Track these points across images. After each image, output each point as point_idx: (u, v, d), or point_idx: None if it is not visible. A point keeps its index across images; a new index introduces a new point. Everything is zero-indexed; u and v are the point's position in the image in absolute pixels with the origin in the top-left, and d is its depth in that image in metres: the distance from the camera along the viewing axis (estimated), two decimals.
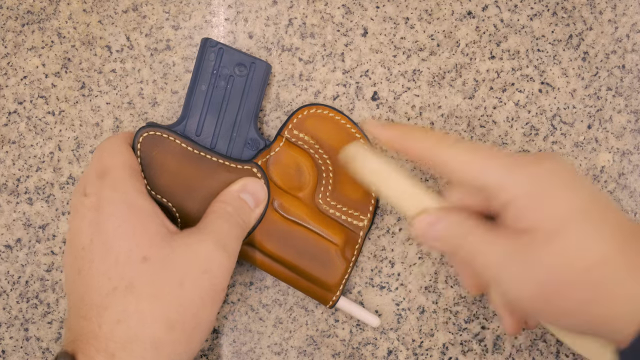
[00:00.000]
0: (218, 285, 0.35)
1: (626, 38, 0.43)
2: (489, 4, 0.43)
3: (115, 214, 0.34)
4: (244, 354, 0.43)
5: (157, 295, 0.33)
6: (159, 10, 0.43)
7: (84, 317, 0.33)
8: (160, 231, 0.35)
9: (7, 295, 0.43)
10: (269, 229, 0.40)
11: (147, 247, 0.34)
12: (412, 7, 0.43)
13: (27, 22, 0.43)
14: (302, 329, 0.43)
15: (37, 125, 0.43)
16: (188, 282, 0.34)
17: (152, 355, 0.32)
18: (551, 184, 0.31)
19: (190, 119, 0.40)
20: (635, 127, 0.43)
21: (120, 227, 0.34)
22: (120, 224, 0.34)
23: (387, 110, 0.43)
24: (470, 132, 0.43)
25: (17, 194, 0.43)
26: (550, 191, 0.31)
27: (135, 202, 0.35)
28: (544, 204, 0.31)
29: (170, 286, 0.33)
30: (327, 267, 0.40)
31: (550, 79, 0.43)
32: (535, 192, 0.31)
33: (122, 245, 0.34)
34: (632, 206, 0.43)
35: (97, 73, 0.43)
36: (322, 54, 0.43)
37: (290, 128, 0.41)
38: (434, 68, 0.43)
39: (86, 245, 0.34)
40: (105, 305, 0.33)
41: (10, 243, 0.43)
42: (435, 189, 0.43)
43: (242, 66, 0.40)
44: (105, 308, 0.33)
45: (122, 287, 0.33)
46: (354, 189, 0.42)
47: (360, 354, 0.43)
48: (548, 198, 0.31)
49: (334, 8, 0.43)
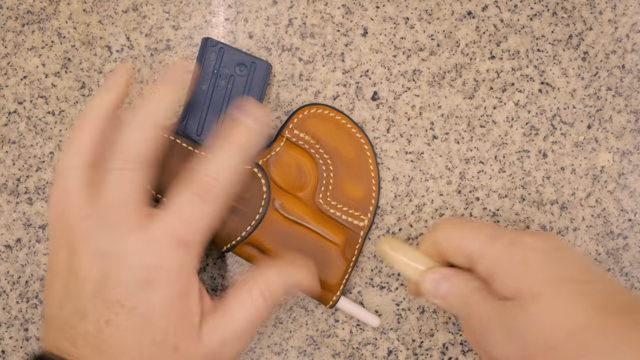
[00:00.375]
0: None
1: (626, 38, 0.43)
2: (489, 4, 0.43)
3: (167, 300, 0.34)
4: (244, 354, 0.43)
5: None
6: (159, 10, 0.43)
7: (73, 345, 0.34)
8: (194, 321, 0.35)
9: (7, 295, 0.43)
10: (269, 229, 0.40)
11: (181, 336, 0.34)
12: (412, 7, 0.43)
13: (27, 22, 0.43)
14: (302, 329, 0.43)
15: (37, 125, 0.43)
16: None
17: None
18: (530, 254, 0.33)
19: (190, 118, 0.40)
20: (635, 127, 0.43)
21: (169, 308, 0.34)
22: (170, 304, 0.34)
23: (387, 110, 0.43)
24: (470, 132, 0.43)
25: (17, 194, 0.43)
26: (530, 260, 0.33)
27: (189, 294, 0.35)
28: (523, 272, 0.32)
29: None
30: (327, 267, 0.40)
31: (550, 79, 0.43)
32: (514, 261, 0.33)
33: (160, 326, 0.34)
34: (632, 206, 0.43)
35: (97, 73, 0.43)
36: (322, 54, 0.43)
37: (290, 128, 0.41)
38: (434, 68, 0.43)
39: (127, 303, 0.34)
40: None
41: (10, 243, 0.43)
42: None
43: (243, 66, 0.40)
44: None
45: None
46: (354, 189, 0.42)
47: (360, 354, 0.43)
48: (527, 266, 0.32)
49: (334, 8, 0.43)
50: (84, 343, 0.34)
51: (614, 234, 0.43)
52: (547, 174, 0.43)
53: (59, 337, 0.34)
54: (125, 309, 0.33)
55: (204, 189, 0.35)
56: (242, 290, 0.38)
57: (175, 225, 0.34)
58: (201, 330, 0.35)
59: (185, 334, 0.35)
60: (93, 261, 0.34)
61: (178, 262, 0.34)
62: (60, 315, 0.35)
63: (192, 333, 0.35)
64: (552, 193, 0.43)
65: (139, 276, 0.34)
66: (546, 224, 0.43)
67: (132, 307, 0.33)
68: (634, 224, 0.43)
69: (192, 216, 0.35)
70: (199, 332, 0.35)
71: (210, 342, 0.35)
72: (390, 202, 0.43)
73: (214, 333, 0.36)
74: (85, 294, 0.34)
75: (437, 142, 0.43)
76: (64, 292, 0.35)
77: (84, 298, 0.34)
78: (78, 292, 0.34)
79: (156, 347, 0.34)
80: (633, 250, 0.43)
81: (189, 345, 0.35)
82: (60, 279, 0.35)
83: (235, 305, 0.37)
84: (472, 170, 0.43)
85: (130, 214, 0.34)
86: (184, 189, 0.35)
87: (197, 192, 0.35)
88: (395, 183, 0.43)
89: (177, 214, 0.35)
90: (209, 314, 0.36)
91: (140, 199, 0.35)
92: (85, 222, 0.35)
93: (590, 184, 0.43)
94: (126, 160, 0.35)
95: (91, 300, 0.34)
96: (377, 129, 0.43)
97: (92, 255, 0.34)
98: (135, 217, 0.35)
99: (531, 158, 0.43)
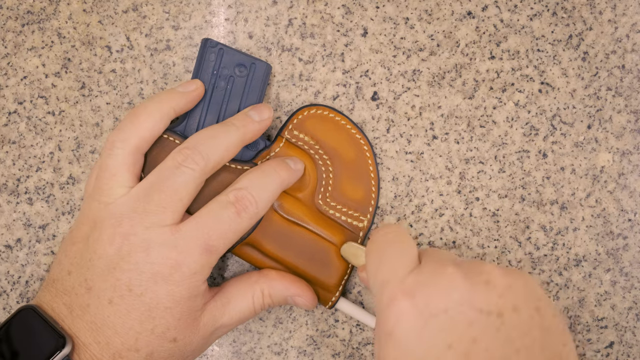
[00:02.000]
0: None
1: (626, 38, 0.43)
2: (489, 4, 0.43)
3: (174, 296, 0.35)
4: (244, 354, 0.43)
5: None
6: (159, 10, 0.43)
7: (79, 317, 0.34)
8: (196, 315, 0.36)
9: (7, 295, 0.43)
10: (268, 230, 0.40)
11: (182, 329, 0.35)
12: (412, 7, 0.43)
13: (27, 22, 0.43)
14: (302, 329, 0.43)
15: (37, 125, 0.43)
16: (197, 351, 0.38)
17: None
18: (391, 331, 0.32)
19: (190, 119, 0.40)
20: (635, 127, 0.43)
21: (176, 304, 0.35)
22: (177, 302, 0.35)
23: (387, 110, 0.43)
24: (470, 132, 0.43)
25: (17, 194, 0.43)
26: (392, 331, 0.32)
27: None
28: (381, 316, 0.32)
29: (182, 358, 0.36)
30: (326, 268, 0.40)
31: (550, 79, 0.43)
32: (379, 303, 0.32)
33: (163, 320, 0.35)
34: (632, 206, 0.43)
35: (97, 73, 0.43)
36: (322, 54, 0.43)
37: (290, 129, 0.41)
38: (433, 68, 0.43)
39: (135, 289, 0.34)
40: (121, 354, 0.34)
41: (10, 243, 0.43)
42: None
43: (243, 67, 0.40)
44: (121, 357, 0.34)
45: (143, 352, 0.34)
46: (354, 189, 0.42)
47: (360, 354, 0.43)
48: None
49: (334, 8, 0.43)
50: (80, 313, 0.35)
51: (614, 234, 0.43)
52: (547, 174, 0.43)
53: (58, 299, 0.35)
54: (132, 294, 0.34)
55: (243, 206, 0.36)
56: (244, 284, 0.39)
57: (209, 232, 0.35)
58: (201, 320, 0.36)
59: (186, 328, 0.36)
60: (113, 239, 0.35)
61: (199, 266, 0.35)
62: (67, 280, 0.36)
63: (192, 326, 0.36)
64: (552, 193, 0.43)
65: (157, 268, 0.34)
66: (546, 224, 0.43)
67: (139, 294, 0.34)
68: (634, 224, 0.43)
69: (226, 228, 0.36)
70: (199, 324, 0.36)
71: (206, 331, 0.37)
72: (390, 202, 0.43)
73: (211, 323, 0.37)
74: (96, 269, 0.35)
75: (437, 142, 0.43)
76: (77, 261, 0.36)
77: (95, 272, 0.35)
78: (91, 264, 0.35)
79: (154, 337, 0.35)
80: (633, 250, 0.43)
81: (188, 336, 0.36)
82: (77, 247, 0.36)
83: (236, 298, 0.38)
84: (472, 170, 0.43)
85: (172, 209, 0.35)
86: (224, 198, 0.36)
87: (237, 207, 0.36)
88: (395, 183, 0.43)
89: (213, 221, 0.35)
90: (209, 304, 0.37)
91: (188, 202, 0.36)
92: (117, 202, 0.36)
93: (590, 184, 0.43)
94: (201, 162, 0.36)
95: (101, 276, 0.35)
96: (377, 129, 0.43)
97: (113, 234, 0.35)
98: (174, 214, 0.35)
99: (531, 158, 0.43)
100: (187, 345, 0.36)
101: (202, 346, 0.37)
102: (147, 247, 0.34)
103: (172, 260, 0.34)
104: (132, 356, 0.34)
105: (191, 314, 0.36)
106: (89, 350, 0.34)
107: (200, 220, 0.35)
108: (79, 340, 0.34)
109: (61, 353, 0.33)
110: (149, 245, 0.34)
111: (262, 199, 0.37)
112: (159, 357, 0.35)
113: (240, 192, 0.36)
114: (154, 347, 0.35)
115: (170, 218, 0.35)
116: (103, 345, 0.34)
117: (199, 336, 0.36)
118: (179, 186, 0.35)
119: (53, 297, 0.36)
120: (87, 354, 0.34)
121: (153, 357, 0.35)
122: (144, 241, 0.34)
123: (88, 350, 0.34)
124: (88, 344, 0.34)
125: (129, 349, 0.34)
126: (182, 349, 0.36)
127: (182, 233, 0.35)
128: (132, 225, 0.35)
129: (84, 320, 0.34)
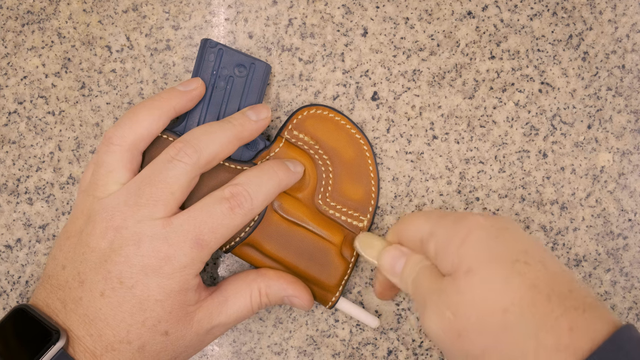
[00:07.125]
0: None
1: (626, 38, 0.43)
2: (489, 4, 0.43)
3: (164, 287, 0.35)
4: (244, 354, 0.43)
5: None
6: (159, 10, 0.43)
7: (73, 311, 0.35)
8: (189, 310, 0.36)
9: (7, 295, 0.43)
10: (268, 230, 0.40)
11: (173, 322, 0.35)
12: (412, 7, 0.43)
13: (27, 22, 0.43)
14: (302, 329, 0.43)
15: (37, 125, 0.43)
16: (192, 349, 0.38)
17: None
18: (472, 231, 0.32)
19: (190, 119, 0.40)
20: (635, 127, 0.43)
21: (166, 297, 0.35)
22: (167, 295, 0.35)
23: (387, 110, 0.43)
24: (470, 132, 0.43)
25: (17, 194, 0.43)
26: (470, 237, 0.32)
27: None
28: (462, 247, 0.32)
29: (175, 353, 0.37)
30: (326, 268, 0.40)
31: (550, 79, 0.43)
32: (455, 237, 0.33)
33: (154, 312, 0.35)
34: (632, 206, 0.43)
35: (97, 73, 0.43)
36: (322, 54, 0.43)
37: (290, 129, 0.41)
38: (434, 68, 0.43)
39: (126, 281, 0.35)
40: (113, 346, 0.34)
41: (10, 243, 0.43)
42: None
43: (242, 67, 0.40)
44: (113, 349, 0.34)
45: (135, 344, 0.35)
46: (353, 189, 0.42)
47: (360, 354, 0.43)
48: (466, 242, 0.32)
49: (334, 8, 0.43)
50: (73, 307, 0.35)
51: (614, 234, 0.43)
52: (547, 174, 0.43)
53: (52, 295, 0.36)
54: (123, 286, 0.34)
55: (238, 202, 0.36)
56: (242, 282, 0.39)
57: (200, 226, 0.35)
58: (195, 316, 0.36)
59: (178, 321, 0.36)
60: (106, 232, 0.35)
61: (189, 260, 0.35)
62: (61, 275, 0.36)
63: (185, 320, 0.36)
64: (552, 193, 0.43)
65: (147, 261, 0.35)
66: (546, 224, 0.43)
67: (130, 286, 0.34)
68: (634, 224, 0.43)
69: (218, 222, 0.36)
70: (192, 319, 0.36)
71: (201, 328, 0.37)
72: (390, 202, 0.43)
73: (207, 321, 0.37)
74: (89, 262, 0.35)
75: (437, 142, 0.43)
76: (71, 255, 0.36)
77: (87, 265, 0.35)
78: (84, 258, 0.35)
79: (145, 330, 0.35)
80: (633, 250, 0.43)
81: (179, 330, 0.36)
82: (71, 241, 0.36)
83: (233, 296, 0.38)
84: (472, 170, 0.43)
85: (164, 202, 0.35)
86: (219, 193, 0.36)
87: (231, 203, 0.36)
88: (395, 183, 0.43)
89: (206, 215, 0.35)
90: (205, 302, 0.37)
91: (181, 196, 0.36)
92: (111, 196, 0.36)
93: (590, 184, 0.43)
94: (193, 155, 0.36)
95: (93, 269, 0.35)
96: (377, 129, 0.43)
97: (106, 227, 0.35)
98: (167, 207, 0.35)
99: (531, 158, 0.43)
100: (179, 339, 0.36)
101: (196, 343, 0.37)
102: (138, 240, 0.34)
103: (162, 253, 0.34)
104: (124, 348, 0.34)
105: (183, 308, 0.36)
106: (83, 342, 0.34)
107: (192, 214, 0.35)
108: (73, 333, 0.34)
109: (55, 347, 0.33)
110: (140, 238, 0.35)
111: (258, 197, 0.37)
112: (151, 350, 0.35)
113: (236, 188, 0.36)
114: (146, 339, 0.35)
115: (162, 211, 0.35)
116: (96, 338, 0.34)
117: (192, 332, 0.36)
118: (171, 179, 0.35)
119: (48, 294, 0.36)
120: (81, 347, 0.34)
121: (145, 349, 0.35)
122: (135, 234, 0.35)
123: (82, 342, 0.34)
124: (81, 337, 0.34)
125: (120, 341, 0.34)
126: (174, 343, 0.36)
127: (174, 226, 0.35)
128: (124, 219, 0.35)
129: (77, 314, 0.35)
